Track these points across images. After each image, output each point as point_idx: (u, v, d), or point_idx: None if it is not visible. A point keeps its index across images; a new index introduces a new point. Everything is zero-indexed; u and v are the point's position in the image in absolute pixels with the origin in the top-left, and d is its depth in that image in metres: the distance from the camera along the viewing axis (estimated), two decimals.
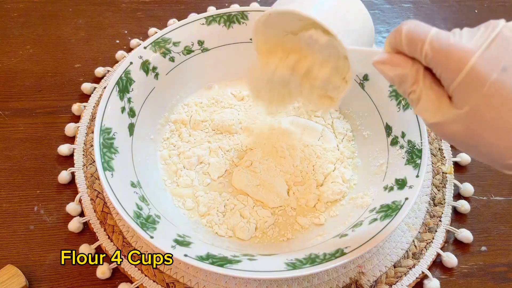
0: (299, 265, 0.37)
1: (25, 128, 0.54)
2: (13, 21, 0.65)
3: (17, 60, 0.61)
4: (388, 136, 0.47)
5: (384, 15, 0.69)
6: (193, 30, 0.53)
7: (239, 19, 0.54)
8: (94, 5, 0.68)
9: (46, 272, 0.44)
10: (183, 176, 0.48)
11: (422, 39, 0.27)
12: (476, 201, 0.50)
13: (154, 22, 0.66)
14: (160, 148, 0.51)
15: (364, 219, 0.42)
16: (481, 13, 0.70)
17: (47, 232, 0.46)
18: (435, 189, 0.50)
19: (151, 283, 0.43)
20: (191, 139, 0.51)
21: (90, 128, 0.54)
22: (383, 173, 0.46)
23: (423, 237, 0.46)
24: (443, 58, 0.26)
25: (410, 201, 0.40)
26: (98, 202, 0.47)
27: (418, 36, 0.27)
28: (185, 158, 0.49)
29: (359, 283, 0.43)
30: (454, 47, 0.25)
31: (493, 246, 0.47)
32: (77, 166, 0.50)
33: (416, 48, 0.27)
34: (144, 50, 0.50)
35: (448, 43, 0.26)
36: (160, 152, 0.50)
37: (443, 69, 0.26)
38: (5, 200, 0.48)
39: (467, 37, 0.26)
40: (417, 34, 0.27)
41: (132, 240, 0.45)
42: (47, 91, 0.58)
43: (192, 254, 0.37)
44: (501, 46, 0.25)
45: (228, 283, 0.42)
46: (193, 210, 0.46)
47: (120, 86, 0.47)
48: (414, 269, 0.44)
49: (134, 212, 0.39)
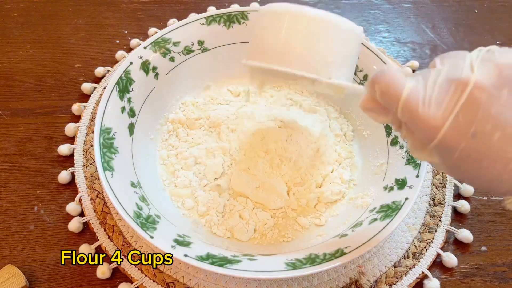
0: (299, 265, 0.37)
1: (25, 128, 0.54)
2: (13, 21, 0.65)
3: (17, 60, 0.61)
4: (388, 136, 0.47)
5: (384, 15, 0.69)
6: (193, 30, 0.53)
7: (239, 19, 0.54)
8: (94, 5, 0.68)
9: (46, 272, 0.44)
10: (181, 176, 0.48)
11: (395, 102, 0.27)
12: (476, 201, 0.50)
13: (154, 22, 0.66)
14: (159, 148, 0.50)
15: (364, 219, 0.42)
16: (481, 13, 0.70)
17: (47, 232, 0.46)
18: (435, 189, 0.50)
19: (151, 283, 0.43)
20: (188, 138, 0.51)
21: (90, 128, 0.54)
22: (383, 173, 0.46)
23: (423, 237, 0.46)
24: (414, 126, 0.27)
25: (410, 201, 0.40)
26: (98, 202, 0.47)
27: (391, 99, 0.27)
28: (182, 159, 0.49)
29: (359, 283, 0.43)
30: (423, 118, 0.26)
31: (493, 246, 0.47)
32: (77, 166, 0.50)
33: (391, 107, 0.28)
34: (144, 50, 0.50)
35: (417, 113, 0.26)
36: (159, 152, 0.50)
37: (417, 134, 0.27)
38: (5, 200, 0.48)
39: (437, 102, 0.25)
40: (390, 97, 0.27)
41: (132, 240, 0.45)
42: (47, 91, 0.58)
43: (192, 254, 0.37)
44: (471, 111, 0.25)
45: (228, 283, 0.42)
46: (192, 210, 0.46)
47: (120, 86, 0.47)
48: (414, 269, 0.44)
49: (134, 212, 0.39)
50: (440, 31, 0.67)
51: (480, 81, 0.24)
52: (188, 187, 0.47)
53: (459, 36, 0.67)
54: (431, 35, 0.67)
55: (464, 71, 0.25)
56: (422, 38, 0.66)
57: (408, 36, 0.66)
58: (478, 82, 0.24)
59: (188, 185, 0.47)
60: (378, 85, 0.28)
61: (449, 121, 0.25)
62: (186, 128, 0.52)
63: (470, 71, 0.25)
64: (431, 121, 0.25)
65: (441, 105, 0.25)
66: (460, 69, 0.25)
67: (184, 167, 0.49)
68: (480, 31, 0.67)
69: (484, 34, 0.67)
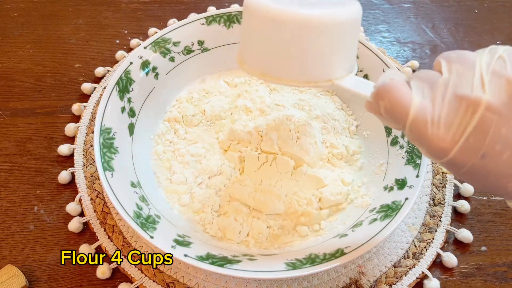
0: (299, 265, 0.37)
1: (25, 128, 0.54)
2: (13, 21, 0.65)
3: (17, 60, 0.61)
4: (388, 136, 0.47)
5: (384, 15, 0.69)
6: (193, 30, 0.53)
7: (239, 19, 0.54)
8: (94, 5, 0.68)
9: (46, 272, 0.44)
10: (177, 173, 0.47)
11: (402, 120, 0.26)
12: (476, 201, 0.50)
13: (154, 22, 0.66)
14: (154, 144, 0.49)
15: (364, 219, 0.42)
16: (481, 13, 0.70)
17: (47, 232, 0.46)
18: (435, 189, 0.50)
19: (151, 283, 0.43)
20: (187, 136, 0.50)
21: (90, 128, 0.54)
22: (383, 173, 0.46)
23: (423, 237, 0.46)
24: (422, 145, 0.26)
25: (410, 201, 0.40)
26: (98, 202, 0.47)
27: (397, 118, 0.26)
28: (180, 156, 0.48)
29: (359, 283, 0.43)
30: (432, 139, 0.25)
31: (493, 246, 0.47)
32: (77, 166, 0.50)
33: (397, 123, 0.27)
34: (144, 50, 0.50)
35: (426, 135, 0.25)
36: (154, 147, 0.49)
37: (424, 152, 0.27)
38: (5, 200, 0.48)
39: (446, 123, 0.24)
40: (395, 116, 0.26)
41: (132, 240, 0.45)
42: (47, 91, 0.58)
43: (192, 254, 0.37)
44: (481, 132, 0.24)
45: (228, 283, 0.42)
46: (187, 207, 0.45)
47: (120, 86, 0.47)
48: (414, 269, 0.44)
49: (134, 212, 0.39)
50: (440, 31, 0.67)
51: (492, 102, 0.23)
52: (184, 184, 0.47)
53: (459, 36, 0.66)
54: (431, 35, 0.67)
55: (475, 89, 0.24)
56: (422, 38, 0.66)
57: (408, 36, 0.66)
58: (490, 103, 0.23)
59: (184, 182, 0.47)
60: (382, 102, 0.27)
61: (460, 144, 0.24)
62: (183, 126, 0.51)
63: (481, 89, 0.24)
64: (441, 143, 0.25)
65: (451, 126, 0.24)
66: (469, 83, 0.24)
67: (181, 163, 0.48)
68: (480, 31, 0.67)
69: (484, 34, 0.67)
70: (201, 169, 0.47)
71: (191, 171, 0.47)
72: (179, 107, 0.53)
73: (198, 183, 0.47)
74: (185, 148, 0.49)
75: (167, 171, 0.48)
